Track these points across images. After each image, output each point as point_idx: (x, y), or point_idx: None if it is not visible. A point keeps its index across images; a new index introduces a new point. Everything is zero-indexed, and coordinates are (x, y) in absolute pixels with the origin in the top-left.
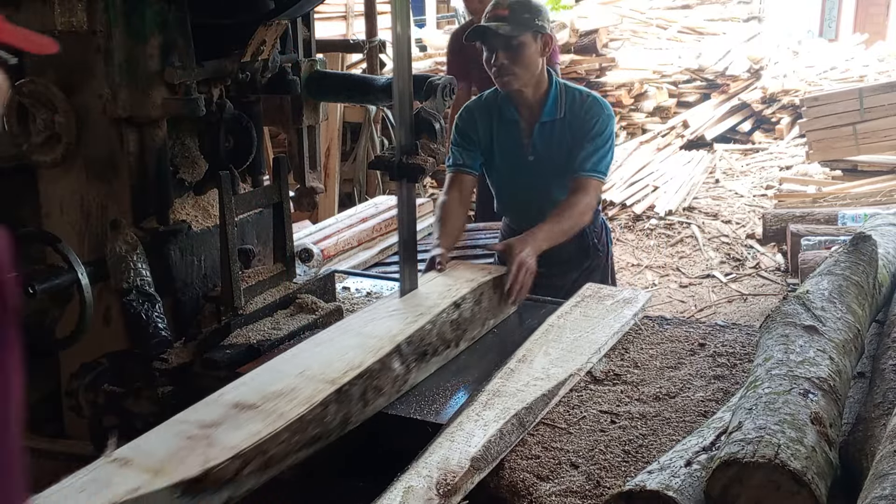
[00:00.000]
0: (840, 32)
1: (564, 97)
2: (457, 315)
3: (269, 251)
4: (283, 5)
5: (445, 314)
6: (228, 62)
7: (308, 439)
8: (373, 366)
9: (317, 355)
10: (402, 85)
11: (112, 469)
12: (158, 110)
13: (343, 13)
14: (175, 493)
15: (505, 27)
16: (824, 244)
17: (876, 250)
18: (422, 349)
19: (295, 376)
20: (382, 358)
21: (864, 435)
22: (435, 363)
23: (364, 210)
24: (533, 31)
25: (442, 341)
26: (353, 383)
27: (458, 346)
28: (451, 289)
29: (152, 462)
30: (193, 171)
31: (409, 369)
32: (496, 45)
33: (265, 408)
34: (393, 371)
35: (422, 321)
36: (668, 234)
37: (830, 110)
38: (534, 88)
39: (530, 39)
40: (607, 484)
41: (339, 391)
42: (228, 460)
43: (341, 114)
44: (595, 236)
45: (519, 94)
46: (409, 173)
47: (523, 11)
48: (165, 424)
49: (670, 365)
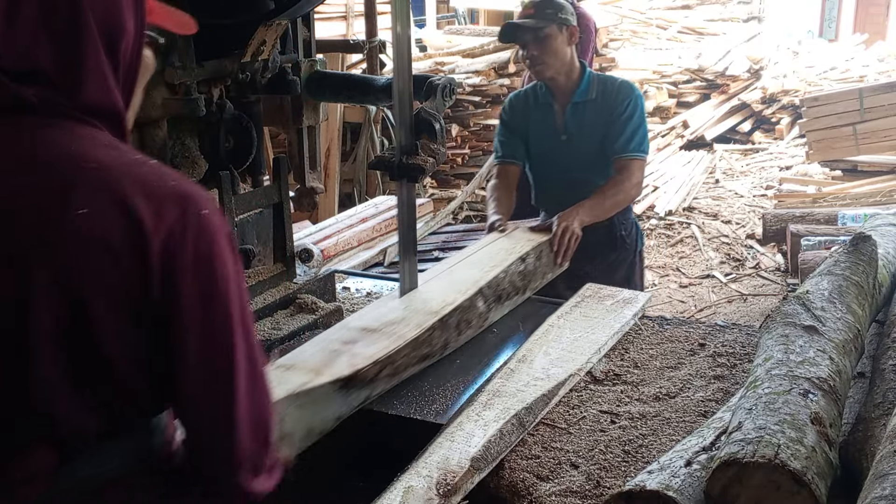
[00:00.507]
0: (840, 32)
1: (596, 82)
2: (523, 267)
3: (269, 251)
4: (283, 5)
5: (514, 266)
6: (228, 62)
7: (420, 356)
8: (463, 303)
9: (418, 294)
10: (402, 85)
11: (280, 372)
12: (158, 110)
13: (343, 13)
14: (334, 388)
15: (530, 21)
16: (824, 244)
17: (876, 250)
18: (498, 293)
19: (403, 309)
20: (470, 297)
21: (864, 435)
22: (507, 306)
23: (364, 210)
24: (557, 23)
25: (513, 288)
26: (450, 315)
27: (525, 293)
28: (516, 246)
29: (311, 366)
30: (193, 171)
31: (489, 308)
32: (526, 39)
33: (386, 331)
34: (478, 308)
35: (496, 271)
36: (668, 235)
37: (830, 110)
38: (566, 76)
39: (556, 31)
40: (607, 484)
41: (441, 320)
42: (370, 365)
43: (341, 114)
44: (623, 229)
45: (553, 81)
46: (409, 173)
47: (546, 7)
48: (312, 342)
49: (670, 365)
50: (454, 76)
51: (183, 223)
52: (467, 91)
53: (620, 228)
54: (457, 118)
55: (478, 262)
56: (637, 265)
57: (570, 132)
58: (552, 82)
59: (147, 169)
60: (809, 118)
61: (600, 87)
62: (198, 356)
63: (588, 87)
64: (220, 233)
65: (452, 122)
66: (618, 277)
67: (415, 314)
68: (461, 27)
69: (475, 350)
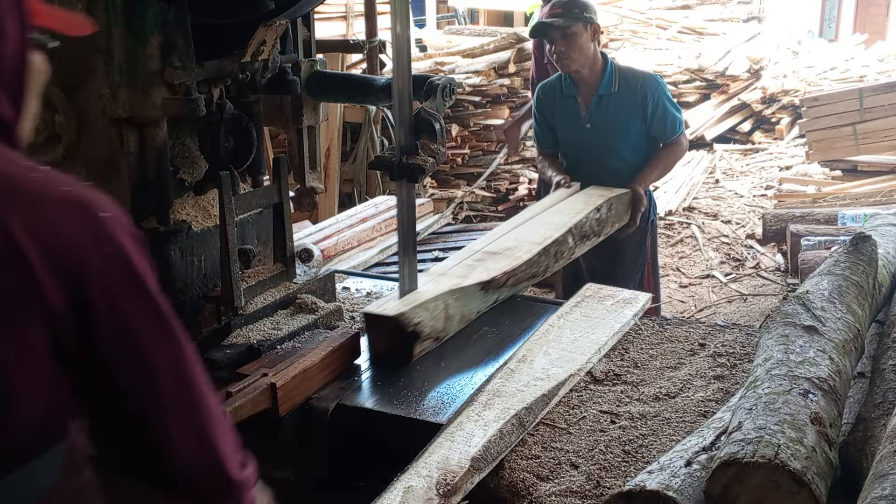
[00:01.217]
0: (840, 32)
1: (618, 75)
2: (598, 215)
3: (269, 251)
4: (283, 5)
5: (592, 214)
6: (228, 62)
7: (530, 274)
8: (559, 237)
9: (521, 231)
10: (402, 85)
11: (436, 277)
12: (158, 110)
13: (343, 13)
14: (477, 288)
15: (559, 20)
16: (824, 244)
17: (876, 250)
18: (582, 233)
19: (514, 240)
20: (563, 234)
21: (864, 435)
22: (587, 245)
23: (364, 210)
24: (583, 21)
25: (592, 231)
26: (550, 246)
27: (600, 236)
28: (590, 199)
29: (458, 273)
30: (193, 171)
31: (575, 244)
32: (554, 36)
33: (505, 254)
34: (568, 243)
35: (580, 216)
36: (668, 234)
37: (830, 110)
38: (589, 69)
39: (581, 28)
40: (607, 484)
41: (545, 248)
42: (500, 275)
43: (341, 114)
44: None
45: (577, 74)
46: (409, 173)
47: (573, 7)
48: (451, 259)
49: (670, 365)
50: (454, 76)
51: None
52: (467, 91)
53: None
54: (457, 118)
55: (565, 210)
56: (649, 231)
57: (593, 122)
58: (577, 75)
59: (35, 176)
60: (809, 118)
61: (622, 81)
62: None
63: (611, 80)
64: (122, 234)
65: (452, 122)
66: (632, 242)
67: (524, 244)
68: (461, 27)
69: (475, 350)
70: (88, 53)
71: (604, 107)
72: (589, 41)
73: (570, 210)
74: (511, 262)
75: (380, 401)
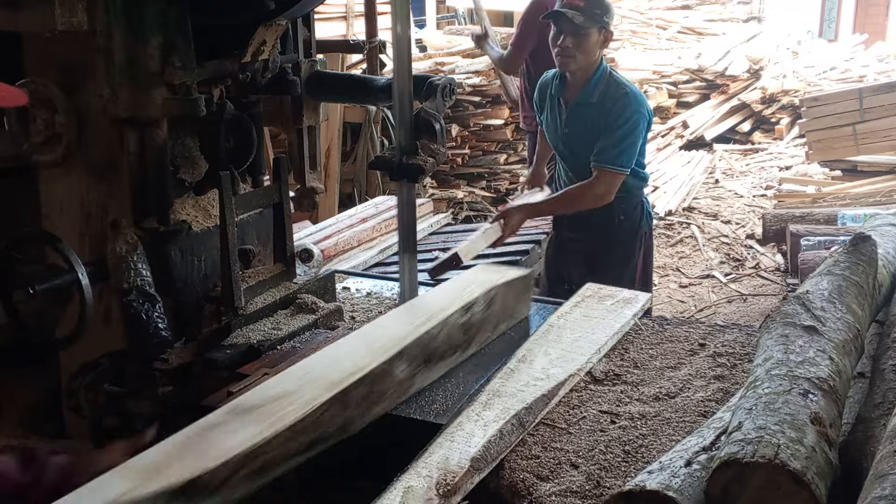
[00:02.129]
0: (840, 32)
1: (603, 85)
2: (466, 318)
3: (269, 251)
4: (283, 5)
5: (455, 318)
6: (229, 62)
7: (305, 444)
8: (376, 369)
9: (327, 354)
10: (402, 85)
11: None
12: (159, 110)
13: (343, 13)
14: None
15: (579, 17)
16: (824, 244)
17: (876, 250)
18: (428, 354)
19: (300, 378)
20: (387, 361)
21: (864, 435)
22: (441, 368)
23: (364, 210)
24: (599, 25)
25: (449, 346)
26: (355, 386)
27: (467, 350)
28: (463, 291)
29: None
30: (194, 172)
31: (413, 374)
32: (566, 29)
33: (265, 410)
34: (395, 376)
35: (430, 325)
36: (667, 235)
37: (830, 110)
38: (584, 73)
39: (595, 32)
40: (607, 484)
41: (342, 394)
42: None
43: (341, 114)
44: (623, 213)
45: (572, 75)
46: (409, 173)
47: (595, 7)
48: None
49: (670, 365)
50: (454, 76)
51: None
52: (467, 91)
53: (619, 213)
54: (457, 118)
55: (413, 311)
56: (638, 244)
57: (570, 128)
58: (571, 76)
59: None
60: (809, 118)
61: (603, 93)
62: None
63: (593, 89)
64: None
65: (452, 122)
66: (617, 254)
67: (309, 386)
68: (461, 27)
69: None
70: (88, 53)
71: (580, 115)
72: (598, 46)
73: (422, 312)
74: (260, 431)
75: None
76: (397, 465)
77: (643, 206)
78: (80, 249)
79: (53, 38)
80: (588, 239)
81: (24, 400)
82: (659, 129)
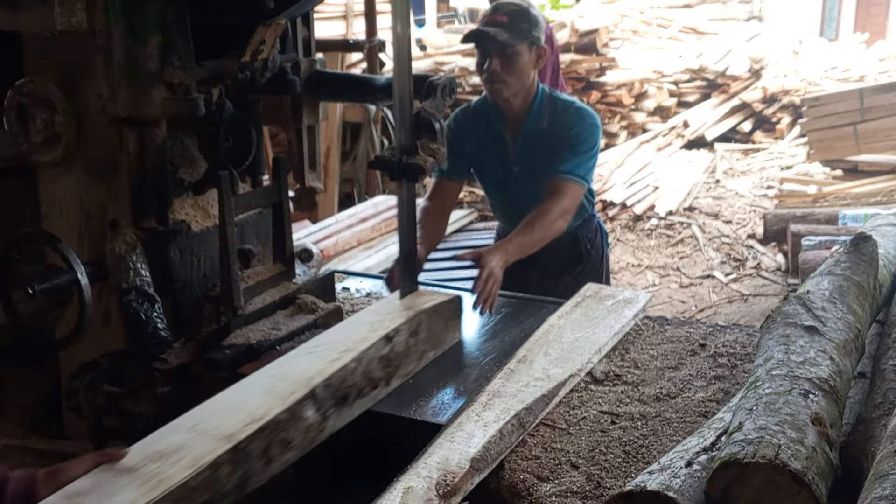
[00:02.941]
0: (840, 32)
1: (548, 108)
2: (388, 350)
3: (269, 251)
4: (282, 5)
5: (374, 349)
6: (228, 62)
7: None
8: (280, 415)
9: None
10: (402, 85)
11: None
12: (158, 110)
13: (343, 13)
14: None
15: (503, 34)
16: (825, 244)
17: (876, 250)
18: (343, 392)
19: (188, 430)
20: (293, 405)
21: (865, 435)
22: (359, 406)
23: (364, 210)
24: (529, 42)
25: (367, 381)
26: (254, 437)
27: (389, 384)
28: (384, 319)
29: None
30: (193, 171)
31: (325, 416)
32: (491, 50)
33: (145, 472)
34: (305, 419)
35: (345, 359)
36: (668, 235)
37: (831, 110)
38: (522, 99)
39: (525, 50)
40: (608, 484)
41: (235, 449)
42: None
43: (341, 114)
44: (588, 241)
45: (507, 102)
46: (409, 173)
47: (521, 21)
48: None
49: (671, 365)
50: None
51: None
52: (467, 91)
53: (585, 242)
54: None
55: (326, 345)
56: (604, 271)
57: (522, 164)
58: (506, 104)
59: None
60: (810, 118)
61: (551, 116)
62: None
63: (539, 115)
64: None
65: None
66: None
67: (200, 439)
68: (461, 26)
69: (475, 350)
70: (88, 53)
71: (532, 146)
72: (530, 67)
73: (335, 345)
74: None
75: (380, 401)
76: (397, 465)
77: (600, 227)
78: (80, 249)
79: (53, 37)
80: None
81: (24, 400)
82: (659, 129)
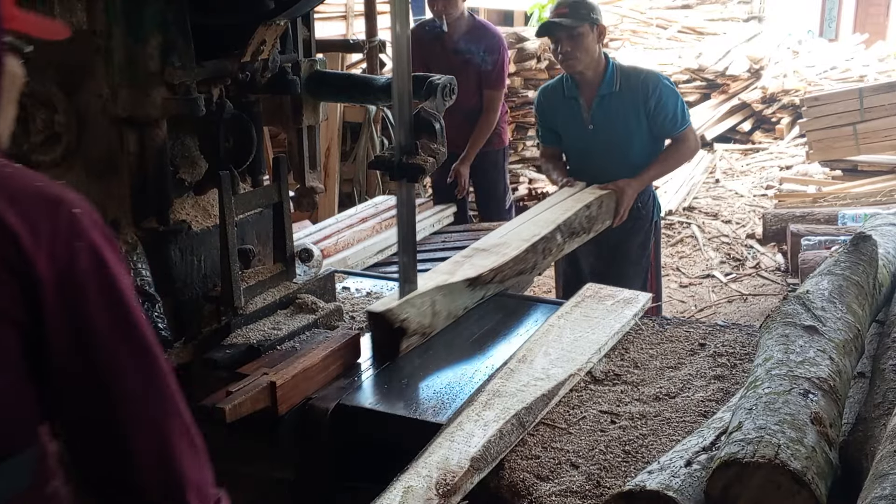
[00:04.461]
0: (840, 32)
1: (619, 74)
2: (588, 213)
3: (269, 251)
4: (283, 5)
5: (582, 210)
6: (228, 62)
7: (518, 271)
8: (546, 234)
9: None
10: (402, 85)
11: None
12: (158, 110)
13: (343, 13)
14: (464, 285)
15: (567, 20)
16: (824, 244)
17: (876, 250)
18: (571, 230)
19: (504, 236)
20: (552, 230)
21: (864, 435)
22: (576, 241)
23: (364, 210)
24: (589, 22)
25: (581, 228)
26: (537, 242)
27: (589, 233)
28: (582, 197)
29: (446, 270)
30: (193, 171)
31: (564, 241)
32: (560, 35)
33: (494, 251)
34: (556, 241)
35: (569, 213)
36: (668, 234)
37: (830, 110)
38: (593, 70)
39: (588, 29)
40: (607, 484)
41: (532, 245)
42: (488, 270)
43: (341, 114)
44: (640, 201)
45: (581, 75)
46: (409, 173)
47: (580, 7)
48: None
49: (670, 365)
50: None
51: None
52: None
53: (637, 202)
54: None
55: (556, 209)
56: (652, 232)
57: (596, 122)
58: (580, 76)
59: (9, 171)
60: (809, 118)
61: (624, 79)
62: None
63: (612, 79)
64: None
65: None
66: (635, 242)
67: (513, 240)
68: None
69: (475, 350)
70: (88, 53)
71: (605, 106)
72: (595, 42)
73: (561, 208)
74: (498, 259)
75: (380, 401)
76: (397, 464)
77: (654, 197)
78: None
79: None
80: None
81: None
82: None
